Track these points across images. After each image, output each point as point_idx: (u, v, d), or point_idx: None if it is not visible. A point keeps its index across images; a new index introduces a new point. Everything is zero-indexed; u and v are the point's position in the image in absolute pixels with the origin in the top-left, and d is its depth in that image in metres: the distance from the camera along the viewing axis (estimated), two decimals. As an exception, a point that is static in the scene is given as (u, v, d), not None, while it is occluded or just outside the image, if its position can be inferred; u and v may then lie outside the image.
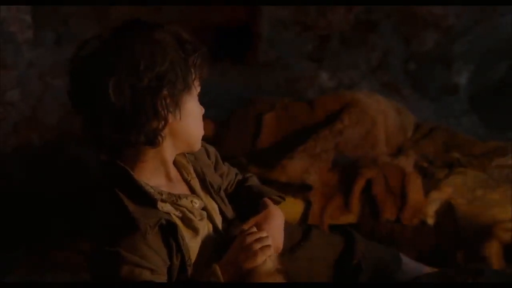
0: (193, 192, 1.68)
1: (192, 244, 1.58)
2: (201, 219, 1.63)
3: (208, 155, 1.81)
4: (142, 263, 1.46)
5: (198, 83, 1.60)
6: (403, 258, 2.05)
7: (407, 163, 2.95)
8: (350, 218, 2.76)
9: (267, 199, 1.80)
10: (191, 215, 1.60)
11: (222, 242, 1.63)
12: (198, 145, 1.65)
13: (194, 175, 1.70)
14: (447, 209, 2.72)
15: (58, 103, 3.33)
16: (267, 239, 1.56)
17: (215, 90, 1.65)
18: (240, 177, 1.96)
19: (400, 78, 4.03)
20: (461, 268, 2.07)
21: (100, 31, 1.53)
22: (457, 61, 3.99)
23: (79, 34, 3.40)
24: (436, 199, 2.75)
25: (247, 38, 4.02)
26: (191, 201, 1.62)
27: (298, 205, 2.78)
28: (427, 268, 2.06)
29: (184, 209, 1.60)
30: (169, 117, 1.51)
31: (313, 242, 1.90)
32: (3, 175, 3.14)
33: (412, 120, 3.40)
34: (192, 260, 1.58)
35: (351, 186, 2.82)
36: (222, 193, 1.78)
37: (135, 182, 1.52)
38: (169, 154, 1.60)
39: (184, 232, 1.57)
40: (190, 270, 1.56)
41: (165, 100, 1.49)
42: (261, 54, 4.02)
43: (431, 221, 2.71)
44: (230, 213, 1.76)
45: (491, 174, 2.85)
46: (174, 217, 1.56)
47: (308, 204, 2.79)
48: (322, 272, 1.86)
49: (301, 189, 2.80)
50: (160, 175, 1.60)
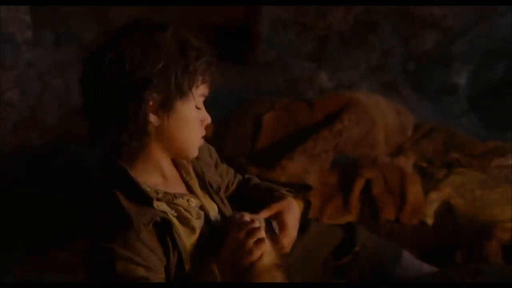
0: (191, 192, 1.67)
1: (189, 243, 1.58)
2: (198, 218, 1.63)
3: (210, 155, 1.81)
4: (137, 260, 1.45)
5: (202, 90, 1.57)
6: (405, 255, 2.04)
7: (407, 163, 2.96)
8: (350, 218, 2.76)
9: (285, 192, 1.82)
10: (188, 214, 1.60)
11: (219, 240, 1.62)
12: (193, 152, 1.63)
13: (194, 175, 1.70)
14: (447, 209, 2.72)
15: (58, 103, 3.33)
16: (260, 232, 1.53)
17: (215, 90, 1.63)
18: (240, 177, 1.96)
19: (400, 78, 4.03)
20: (461, 268, 2.07)
21: (113, 28, 1.53)
22: (457, 61, 3.99)
23: (79, 35, 3.41)
24: (436, 199, 2.75)
25: (247, 39, 4.01)
26: (187, 200, 1.62)
27: (298, 205, 2.78)
28: (428, 267, 2.06)
29: (180, 208, 1.59)
30: (152, 119, 1.50)
31: (310, 234, 1.91)
32: (3, 175, 3.14)
33: (412, 120, 3.40)
34: (189, 258, 1.57)
35: (351, 186, 2.82)
36: (222, 193, 1.78)
37: (132, 181, 1.52)
38: (161, 156, 1.58)
39: (181, 231, 1.56)
40: (188, 268, 1.55)
41: (150, 102, 1.48)
42: (261, 55, 4.02)
43: (431, 221, 2.71)
44: (229, 213, 1.75)
45: (491, 174, 2.85)
46: (170, 216, 1.55)
47: (308, 204, 2.79)
48: (317, 264, 1.87)
49: (301, 189, 2.80)
50: (156, 175, 1.60)
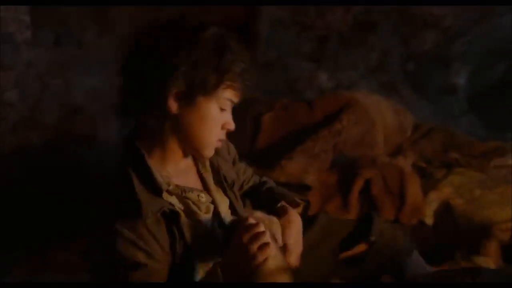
0: (205, 185, 1.71)
1: (195, 236, 1.59)
2: (207, 212, 1.65)
3: (229, 152, 1.85)
4: (140, 244, 1.48)
5: (230, 95, 1.60)
6: (415, 251, 2.06)
7: (406, 163, 2.96)
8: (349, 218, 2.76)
9: (286, 204, 1.80)
10: (196, 208, 1.62)
11: (225, 240, 1.63)
12: (207, 153, 1.65)
13: (209, 168, 1.73)
14: (446, 209, 2.72)
15: (57, 103, 3.33)
16: (265, 236, 1.52)
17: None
18: (257, 179, 1.99)
19: (399, 79, 4.03)
20: (460, 268, 2.07)
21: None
22: (456, 62, 4.00)
23: (78, 35, 3.41)
24: (435, 199, 2.75)
25: (246, 39, 4.01)
26: (198, 195, 1.65)
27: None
28: (429, 267, 2.07)
29: (189, 202, 1.62)
30: (171, 106, 1.53)
31: (318, 227, 1.92)
32: (2, 175, 3.14)
33: (411, 120, 3.40)
34: (196, 252, 1.59)
35: (350, 186, 2.82)
36: (236, 189, 1.80)
37: (147, 168, 1.55)
38: (177, 148, 1.61)
39: (187, 224, 1.58)
40: (193, 259, 1.57)
41: (174, 90, 1.52)
42: (260, 55, 4.02)
43: (430, 221, 2.71)
44: (241, 209, 1.77)
45: (490, 175, 2.85)
46: (178, 209, 1.58)
47: (307, 204, 2.79)
48: (325, 254, 1.88)
49: (300, 189, 2.80)
50: (172, 166, 1.63)
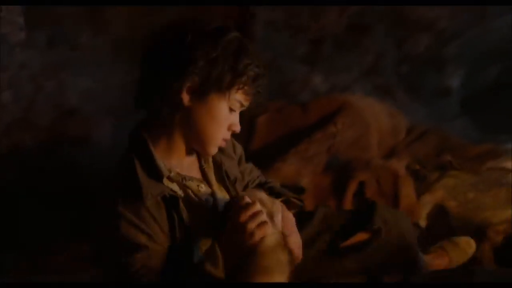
0: (206, 180, 1.73)
1: (194, 222, 1.62)
2: (205, 204, 1.68)
3: (234, 150, 1.87)
4: (141, 226, 1.52)
5: (241, 97, 1.62)
6: None
7: (400, 166, 2.96)
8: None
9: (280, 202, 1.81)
10: (195, 198, 1.65)
11: (222, 221, 1.64)
12: (211, 150, 1.68)
13: (211, 165, 1.76)
14: (439, 212, 2.73)
15: (51, 105, 3.32)
16: (262, 215, 1.55)
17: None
18: (263, 180, 2.01)
19: (393, 81, 4.03)
20: (454, 269, 2.08)
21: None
22: (450, 64, 4.00)
23: (72, 36, 3.40)
24: (428, 202, 2.76)
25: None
26: (198, 186, 1.68)
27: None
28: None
29: (189, 191, 1.65)
30: (184, 98, 1.57)
31: (316, 221, 1.97)
32: (-5, 177, 3.13)
33: (405, 123, 3.41)
34: (194, 236, 1.61)
35: (344, 189, 2.82)
36: (237, 186, 1.82)
37: (150, 154, 1.59)
38: (182, 140, 1.65)
39: (186, 210, 1.61)
40: (192, 243, 1.59)
41: (188, 83, 1.56)
42: (254, 57, 4.01)
43: (424, 223, 2.72)
44: None
45: (483, 177, 2.86)
46: (178, 195, 1.61)
47: (301, 207, 2.79)
48: (323, 245, 1.92)
49: (294, 192, 2.79)
50: (175, 157, 1.66)
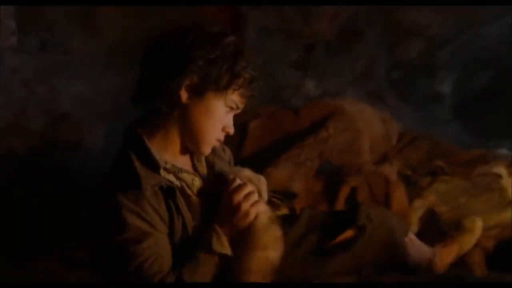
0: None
1: (189, 211, 1.65)
2: (199, 198, 1.70)
3: (224, 152, 1.90)
4: (142, 215, 1.55)
5: (237, 98, 1.66)
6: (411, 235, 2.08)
7: (391, 171, 2.96)
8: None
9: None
10: (189, 191, 1.68)
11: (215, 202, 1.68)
12: (205, 149, 1.71)
13: (204, 164, 1.79)
14: (431, 217, 2.73)
15: (42, 109, 3.32)
16: (254, 194, 1.64)
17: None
18: None
19: (385, 87, 4.05)
20: (444, 275, 2.08)
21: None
22: (441, 70, 4.02)
23: (64, 41, 3.40)
24: (420, 207, 2.76)
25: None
26: (192, 179, 1.71)
27: (283, 213, 2.78)
28: (427, 248, 2.09)
29: (184, 184, 1.68)
30: (183, 95, 1.61)
31: (301, 222, 1.97)
32: (-14, 182, 3.12)
33: (396, 129, 3.41)
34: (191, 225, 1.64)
35: (336, 194, 2.82)
36: None
37: (145, 147, 1.62)
38: (177, 138, 1.68)
39: (182, 199, 1.64)
40: (191, 233, 1.63)
41: (187, 82, 1.60)
42: (246, 62, 4.01)
43: (415, 228, 2.72)
44: None
45: (474, 182, 2.86)
46: (174, 185, 1.64)
47: (293, 212, 2.79)
48: (310, 245, 1.91)
49: (286, 197, 2.79)
50: (170, 152, 1.69)
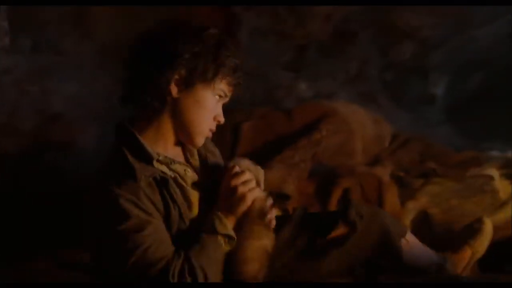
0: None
1: (183, 203, 1.67)
2: (192, 189, 1.73)
3: (214, 147, 1.93)
4: (139, 204, 1.57)
5: (224, 87, 1.73)
6: (409, 233, 2.07)
7: (384, 173, 2.97)
8: (327, 227, 2.76)
9: None
10: (183, 182, 1.70)
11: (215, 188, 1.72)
12: (199, 140, 1.74)
13: (197, 158, 1.81)
14: (423, 218, 2.74)
15: (34, 110, 3.31)
16: (252, 181, 1.69)
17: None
18: None
19: (377, 88, 4.05)
20: (436, 276, 2.08)
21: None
22: (434, 72, 4.03)
23: (56, 41, 3.39)
24: (412, 209, 2.77)
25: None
26: (184, 170, 1.74)
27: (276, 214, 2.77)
28: (431, 252, 2.09)
29: (177, 175, 1.70)
30: (173, 90, 1.66)
31: (292, 222, 1.95)
32: (-22, 183, 3.11)
33: (389, 130, 3.42)
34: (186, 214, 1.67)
35: (329, 195, 2.83)
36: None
37: (137, 141, 1.66)
38: (170, 132, 1.72)
39: (176, 189, 1.67)
40: (187, 223, 1.66)
41: (176, 76, 1.65)
42: (240, 63, 4.01)
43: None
44: None
45: (466, 184, 2.87)
46: (168, 176, 1.67)
47: (286, 213, 2.79)
48: (303, 244, 1.89)
49: (279, 198, 2.79)
50: (162, 145, 1.72)
